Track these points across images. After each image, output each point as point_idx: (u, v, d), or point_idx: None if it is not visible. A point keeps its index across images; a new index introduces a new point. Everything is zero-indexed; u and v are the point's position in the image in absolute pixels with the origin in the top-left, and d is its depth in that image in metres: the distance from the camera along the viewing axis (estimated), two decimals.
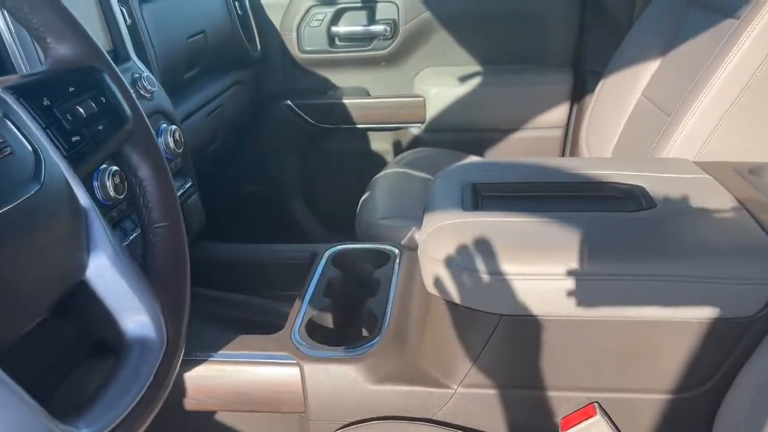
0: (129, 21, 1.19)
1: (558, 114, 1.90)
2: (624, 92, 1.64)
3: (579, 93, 1.88)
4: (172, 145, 1.14)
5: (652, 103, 1.50)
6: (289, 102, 1.98)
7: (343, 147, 2.06)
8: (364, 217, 1.49)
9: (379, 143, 2.05)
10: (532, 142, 1.94)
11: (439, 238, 0.91)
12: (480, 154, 1.95)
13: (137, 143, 0.64)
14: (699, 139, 1.18)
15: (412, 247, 1.31)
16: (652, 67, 1.56)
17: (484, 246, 0.86)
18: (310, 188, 2.11)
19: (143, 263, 0.64)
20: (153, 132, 0.68)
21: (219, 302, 1.20)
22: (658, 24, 1.59)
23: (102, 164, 0.72)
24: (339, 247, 1.25)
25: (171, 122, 1.17)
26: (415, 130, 1.99)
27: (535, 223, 0.91)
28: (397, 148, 2.04)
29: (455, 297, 0.87)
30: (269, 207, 2.11)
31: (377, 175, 1.74)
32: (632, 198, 1.00)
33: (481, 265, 0.84)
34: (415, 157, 1.81)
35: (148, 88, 1.10)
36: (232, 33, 1.76)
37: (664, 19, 1.57)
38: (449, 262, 0.87)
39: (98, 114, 0.62)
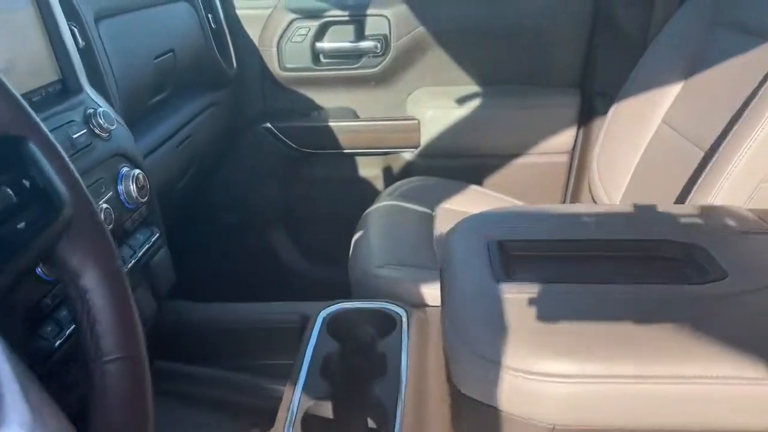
0: (82, 43, 0.99)
1: (564, 138, 1.74)
2: (641, 117, 1.48)
3: (587, 116, 1.73)
4: (134, 193, 0.94)
5: (676, 131, 1.35)
6: (268, 124, 1.79)
7: (329, 173, 1.87)
8: (358, 264, 1.31)
9: (369, 169, 1.87)
10: (535, 169, 1.78)
11: (469, 321, 0.74)
12: (479, 181, 1.78)
13: (77, 239, 0.45)
14: (750, 183, 1.03)
15: (418, 304, 1.13)
16: (673, 91, 1.42)
17: (529, 337, 0.69)
18: (292, 217, 1.92)
19: (85, 408, 0.45)
20: (101, 220, 0.48)
21: (195, 380, 1.00)
22: (678, 44, 1.44)
23: (24, 276, 0.53)
24: (334, 309, 1.06)
25: (134, 165, 0.97)
26: (408, 155, 1.81)
27: (587, 302, 0.74)
28: (389, 175, 1.86)
29: (494, 400, 0.70)
30: (247, 238, 1.91)
31: (369, 209, 1.56)
32: (693, 263, 0.83)
33: (527, 363, 0.67)
34: (410, 187, 1.64)
35: (105, 126, 0.91)
36: (205, 50, 1.57)
37: (686, 39, 1.42)
38: (485, 356, 0.69)
39: (19, 204, 0.43)
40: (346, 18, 1.71)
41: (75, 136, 0.84)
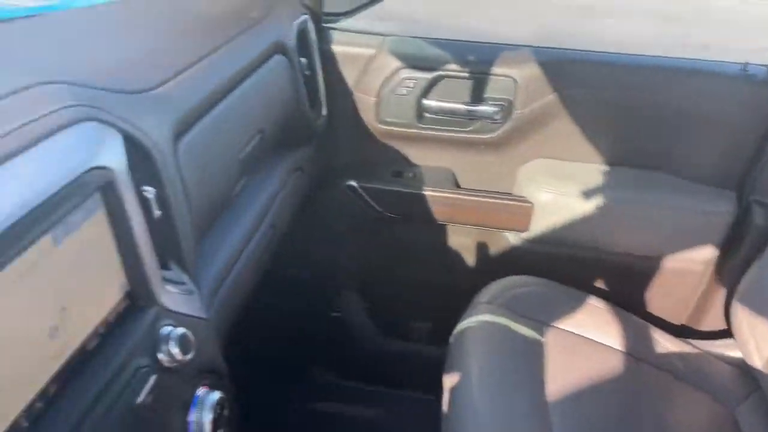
0: (158, 213, 0.73)
1: (706, 248, 1.44)
2: None
3: (739, 225, 1.42)
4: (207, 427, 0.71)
5: None
6: (353, 182, 1.52)
7: (415, 239, 1.61)
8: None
9: (462, 239, 1.61)
10: (663, 277, 1.49)
11: None
12: (593, 281, 1.52)
13: None
14: None
15: None
16: None
17: None
18: (367, 284, 1.68)
19: None
20: None
21: None
22: None
23: None
24: None
25: (218, 383, 0.73)
26: (513, 237, 1.54)
27: None
28: (484, 251, 1.60)
29: None
30: (312, 301, 1.68)
31: (464, 323, 1.31)
32: None
33: None
34: (517, 293, 1.37)
35: (179, 357, 0.66)
36: (296, 106, 1.28)
37: None
38: None
39: None
40: (464, 74, 1.40)
41: (140, 399, 0.60)
